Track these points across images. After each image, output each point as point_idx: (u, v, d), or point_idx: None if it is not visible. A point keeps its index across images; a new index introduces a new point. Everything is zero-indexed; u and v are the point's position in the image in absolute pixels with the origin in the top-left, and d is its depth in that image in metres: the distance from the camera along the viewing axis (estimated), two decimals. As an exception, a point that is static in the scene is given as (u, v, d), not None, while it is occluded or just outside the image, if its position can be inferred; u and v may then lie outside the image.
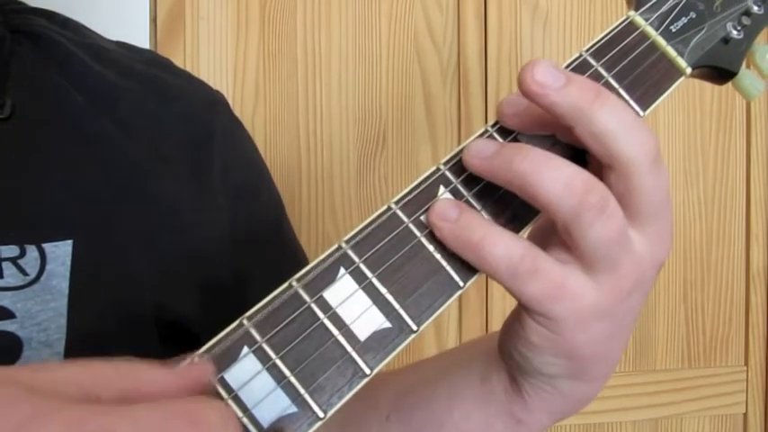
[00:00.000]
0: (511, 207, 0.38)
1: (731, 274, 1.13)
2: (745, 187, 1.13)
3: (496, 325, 0.87)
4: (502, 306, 1.05)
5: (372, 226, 0.37)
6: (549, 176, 0.35)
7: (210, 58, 0.98)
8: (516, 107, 0.39)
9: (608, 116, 0.35)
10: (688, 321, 1.12)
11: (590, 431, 1.10)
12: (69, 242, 0.46)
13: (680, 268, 1.12)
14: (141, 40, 0.95)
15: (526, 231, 0.40)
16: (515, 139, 0.39)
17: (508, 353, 0.40)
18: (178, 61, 0.96)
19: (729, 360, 1.13)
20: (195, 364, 0.32)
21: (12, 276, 0.44)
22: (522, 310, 0.38)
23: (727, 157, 1.12)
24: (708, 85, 1.07)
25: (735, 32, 0.43)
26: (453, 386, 0.45)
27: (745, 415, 1.13)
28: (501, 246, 0.36)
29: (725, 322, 1.13)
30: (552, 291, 0.36)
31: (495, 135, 0.39)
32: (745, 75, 0.45)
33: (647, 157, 0.36)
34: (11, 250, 0.44)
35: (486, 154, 0.37)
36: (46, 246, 0.45)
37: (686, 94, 1.11)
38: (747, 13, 0.44)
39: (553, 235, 0.38)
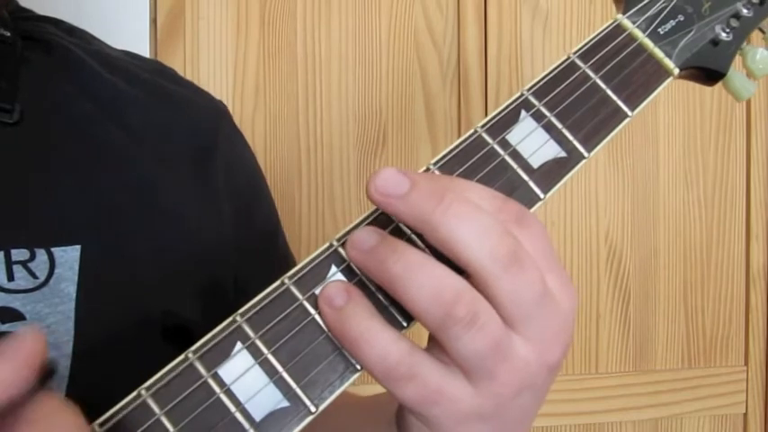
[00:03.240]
0: None
1: (731, 274, 1.13)
2: (745, 187, 1.12)
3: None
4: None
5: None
6: (418, 283, 0.33)
7: (210, 58, 0.99)
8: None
9: (452, 223, 0.34)
10: (688, 321, 1.12)
11: (590, 431, 1.10)
12: (77, 247, 0.46)
13: (680, 268, 1.12)
14: (141, 40, 0.95)
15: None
16: None
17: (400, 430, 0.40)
18: (178, 61, 0.97)
19: (729, 360, 1.13)
20: (23, 340, 0.30)
21: (22, 279, 0.44)
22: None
23: (727, 157, 1.12)
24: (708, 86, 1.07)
25: (723, 34, 0.43)
26: None
27: (745, 415, 1.13)
28: (377, 347, 0.34)
29: (725, 322, 1.13)
30: (429, 396, 0.34)
31: None
32: (736, 76, 0.45)
33: (500, 262, 0.34)
34: (21, 254, 0.45)
35: (364, 247, 0.35)
36: (55, 250, 0.46)
37: (686, 94, 1.11)
38: (737, 15, 0.44)
39: None
